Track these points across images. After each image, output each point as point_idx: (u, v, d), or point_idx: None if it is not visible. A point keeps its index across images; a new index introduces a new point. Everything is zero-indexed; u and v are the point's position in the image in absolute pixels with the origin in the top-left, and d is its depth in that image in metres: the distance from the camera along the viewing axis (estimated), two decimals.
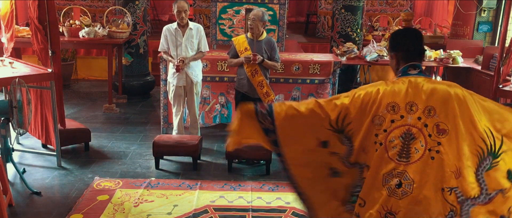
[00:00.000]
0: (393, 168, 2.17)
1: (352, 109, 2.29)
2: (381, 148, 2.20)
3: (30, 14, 4.61)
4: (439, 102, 2.18)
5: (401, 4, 10.18)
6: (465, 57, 6.91)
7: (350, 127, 2.29)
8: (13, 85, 4.03)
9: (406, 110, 2.20)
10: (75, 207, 3.94)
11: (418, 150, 2.15)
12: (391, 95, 2.23)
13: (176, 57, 5.06)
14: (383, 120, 2.21)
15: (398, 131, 2.18)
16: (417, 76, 2.28)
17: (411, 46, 2.35)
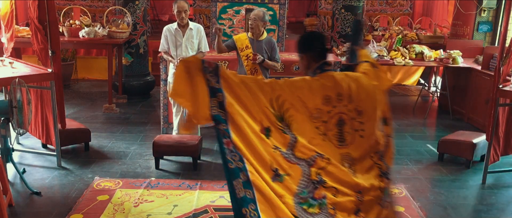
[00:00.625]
0: (340, 153, 2.47)
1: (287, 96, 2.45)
2: (325, 138, 2.47)
3: (30, 14, 4.61)
4: (354, 89, 2.57)
5: (401, 4, 10.17)
6: (465, 57, 6.91)
7: (289, 114, 2.43)
8: (13, 85, 4.03)
9: (336, 100, 2.52)
10: (75, 207, 3.94)
11: (349, 133, 2.52)
12: (322, 89, 2.52)
13: (176, 57, 5.06)
14: (322, 112, 2.48)
15: (334, 120, 2.50)
16: (333, 71, 2.68)
17: (321, 47, 2.67)
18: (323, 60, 2.66)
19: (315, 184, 2.37)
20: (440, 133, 6.22)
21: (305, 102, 2.46)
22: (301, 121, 2.43)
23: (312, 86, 2.52)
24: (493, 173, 4.84)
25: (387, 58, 6.74)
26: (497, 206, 4.27)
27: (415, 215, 3.98)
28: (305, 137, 2.41)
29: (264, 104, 2.42)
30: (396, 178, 4.79)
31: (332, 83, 2.55)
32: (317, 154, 2.40)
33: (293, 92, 2.46)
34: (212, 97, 2.37)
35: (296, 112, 2.43)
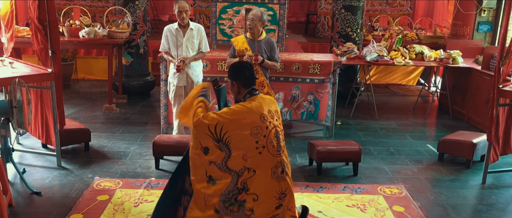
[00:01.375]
0: (276, 161, 3.01)
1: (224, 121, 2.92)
2: (264, 150, 2.97)
3: (30, 14, 4.61)
4: (277, 107, 3.19)
5: (401, 4, 10.17)
6: (465, 57, 6.91)
7: (227, 136, 2.92)
8: (13, 85, 4.03)
9: (270, 117, 3.04)
10: (75, 207, 3.94)
11: (283, 141, 3.11)
12: (258, 110, 3.00)
13: (176, 57, 5.06)
14: (261, 129, 2.96)
15: (272, 133, 3.01)
16: (259, 94, 3.13)
17: (248, 75, 3.13)
18: (252, 86, 3.12)
19: (239, 190, 2.96)
20: (440, 133, 6.22)
21: (244, 123, 2.93)
22: (239, 140, 2.92)
23: (248, 108, 2.99)
24: (493, 173, 4.84)
25: (387, 58, 6.74)
26: (497, 206, 4.27)
27: (415, 215, 3.98)
28: (241, 152, 2.93)
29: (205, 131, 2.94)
30: (396, 178, 4.80)
31: (263, 103, 3.05)
32: (245, 168, 2.94)
33: (232, 117, 2.93)
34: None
35: (234, 133, 2.91)
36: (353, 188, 4.48)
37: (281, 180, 3.01)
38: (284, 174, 3.02)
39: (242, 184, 2.95)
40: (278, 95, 5.77)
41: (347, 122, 6.64)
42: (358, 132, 6.24)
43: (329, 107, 5.90)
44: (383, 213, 4.00)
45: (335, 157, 4.88)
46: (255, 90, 3.14)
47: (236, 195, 2.96)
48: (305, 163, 5.10)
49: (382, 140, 5.94)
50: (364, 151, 5.26)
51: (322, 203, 4.13)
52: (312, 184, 4.52)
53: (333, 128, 6.02)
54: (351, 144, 4.96)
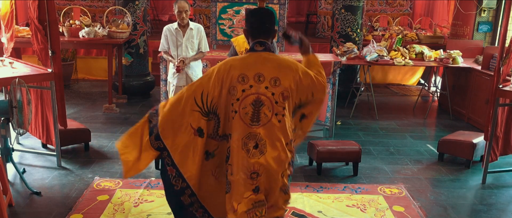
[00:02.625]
0: (248, 132, 2.51)
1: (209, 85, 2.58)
2: (236, 116, 2.53)
3: (30, 14, 4.61)
4: (282, 74, 2.56)
5: (401, 4, 10.18)
6: (465, 57, 6.91)
7: (214, 102, 2.58)
8: (13, 85, 4.03)
9: (254, 80, 2.53)
10: (75, 207, 3.94)
11: (266, 115, 2.53)
12: (240, 67, 2.55)
13: (176, 57, 5.06)
14: (236, 90, 2.52)
15: (249, 99, 2.52)
16: (262, 52, 2.61)
17: (257, 24, 2.63)
18: (258, 39, 2.63)
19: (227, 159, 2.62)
20: (440, 133, 6.22)
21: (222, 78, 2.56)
22: (221, 104, 2.57)
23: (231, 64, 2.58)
24: (493, 173, 4.85)
25: (387, 58, 6.74)
26: (497, 206, 4.27)
27: (415, 215, 3.98)
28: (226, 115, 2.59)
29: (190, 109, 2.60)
30: (396, 178, 4.80)
31: (254, 62, 2.58)
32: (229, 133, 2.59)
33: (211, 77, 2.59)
34: (150, 135, 2.73)
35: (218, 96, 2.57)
36: (353, 188, 4.48)
37: (252, 156, 2.50)
38: (257, 151, 2.50)
39: (228, 151, 2.60)
40: None
41: (347, 122, 6.64)
42: (358, 132, 6.24)
43: (328, 107, 5.90)
44: (383, 213, 4.01)
45: (335, 157, 4.88)
46: (260, 45, 2.63)
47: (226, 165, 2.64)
48: (305, 163, 5.10)
49: (382, 140, 5.94)
50: (364, 151, 5.26)
51: (322, 203, 4.13)
52: (312, 184, 4.52)
53: (333, 128, 6.02)
54: (351, 144, 4.96)
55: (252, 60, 2.59)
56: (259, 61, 2.58)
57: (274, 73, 2.55)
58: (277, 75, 2.55)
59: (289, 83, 2.56)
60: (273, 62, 2.59)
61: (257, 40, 2.63)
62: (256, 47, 2.62)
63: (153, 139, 2.70)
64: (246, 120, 2.51)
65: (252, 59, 2.60)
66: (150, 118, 2.78)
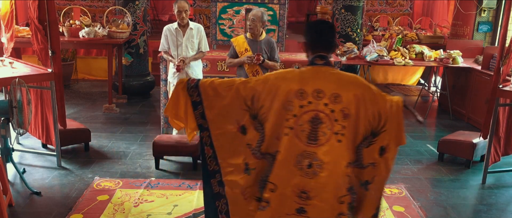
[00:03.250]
0: (303, 150, 2.35)
1: (261, 90, 2.45)
2: (291, 132, 2.37)
3: (30, 14, 4.60)
4: (344, 89, 2.39)
5: (401, 4, 10.17)
6: (465, 57, 6.91)
7: (263, 111, 2.44)
8: (13, 85, 4.03)
9: (313, 97, 2.37)
10: (75, 207, 3.94)
11: (325, 134, 2.36)
12: (299, 81, 2.41)
13: (176, 57, 5.06)
14: (292, 105, 2.37)
15: (307, 116, 2.36)
16: (322, 66, 2.46)
17: (318, 38, 2.51)
18: (320, 53, 2.48)
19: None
20: (440, 133, 6.22)
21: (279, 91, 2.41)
22: (271, 118, 2.42)
23: (287, 77, 2.46)
24: (493, 173, 4.84)
25: (387, 58, 6.74)
26: (497, 206, 4.27)
27: (415, 215, 3.98)
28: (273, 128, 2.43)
29: (240, 105, 2.52)
30: (396, 178, 4.79)
31: (314, 77, 2.42)
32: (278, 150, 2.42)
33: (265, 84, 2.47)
34: (194, 110, 2.65)
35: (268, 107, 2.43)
36: None
37: (305, 175, 2.33)
38: (311, 171, 2.33)
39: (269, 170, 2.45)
40: None
41: None
42: None
43: None
44: (383, 213, 4.00)
45: None
46: (320, 59, 2.47)
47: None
48: None
49: None
50: None
51: None
52: None
53: None
54: None
55: (312, 74, 2.43)
56: (319, 75, 2.43)
57: (335, 88, 2.38)
58: (337, 91, 2.38)
59: (351, 100, 2.37)
60: (333, 77, 2.44)
61: (318, 54, 2.48)
62: (317, 61, 2.47)
63: (198, 115, 2.65)
64: (303, 138, 2.36)
65: (312, 73, 2.44)
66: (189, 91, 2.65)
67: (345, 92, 2.38)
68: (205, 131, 2.64)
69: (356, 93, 2.38)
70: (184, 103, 2.67)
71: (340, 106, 2.36)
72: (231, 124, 2.56)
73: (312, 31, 2.55)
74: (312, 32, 2.55)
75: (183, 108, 2.68)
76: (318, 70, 2.45)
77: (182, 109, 2.68)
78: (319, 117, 2.36)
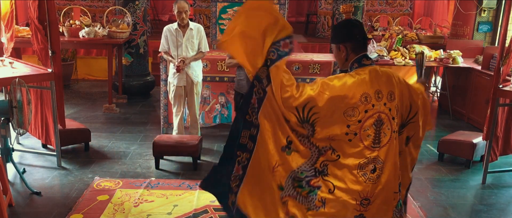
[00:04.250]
0: (368, 155, 2.27)
1: (320, 101, 2.25)
2: (355, 138, 2.27)
3: (30, 14, 4.61)
4: (394, 86, 2.36)
5: (401, 4, 10.18)
6: (465, 57, 6.91)
7: (315, 117, 2.26)
8: (13, 85, 4.03)
9: (375, 98, 2.29)
10: (75, 207, 3.94)
11: (386, 134, 2.31)
12: (361, 86, 2.28)
13: (176, 57, 5.06)
14: (357, 111, 2.26)
15: (372, 119, 2.28)
16: (371, 66, 2.37)
17: (360, 37, 2.40)
18: (363, 52, 2.40)
19: (316, 172, 2.31)
20: (440, 133, 6.22)
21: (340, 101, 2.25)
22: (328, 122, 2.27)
23: (347, 83, 2.28)
24: (493, 173, 4.85)
25: (387, 58, 6.74)
26: (497, 206, 4.27)
27: (415, 215, 3.98)
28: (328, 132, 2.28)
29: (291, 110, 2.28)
30: None
31: (372, 78, 2.32)
32: (330, 147, 2.29)
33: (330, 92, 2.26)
34: (264, 65, 2.30)
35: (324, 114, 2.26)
36: None
37: (369, 181, 2.27)
38: (375, 175, 2.27)
39: (322, 166, 2.30)
40: None
41: None
42: None
43: None
44: None
45: None
46: (367, 59, 2.39)
47: (310, 178, 2.31)
48: None
49: None
50: None
51: None
52: None
53: None
54: None
55: (368, 76, 2.32)
56: (374, 76, 2.33)
57: (389, 86, 2.34)
58: (391, 89, 2.35)
59: (398, 96, 2.38)
60: (384, 75, 2.37)
61: (363, 53, 2.39)
62: (365, 61, 2.38)
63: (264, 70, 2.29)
64: (368, 143, 2.27)
65: (367, 75, 2.32)
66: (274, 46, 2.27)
67: (395, 89, 2.37)
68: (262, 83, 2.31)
69: (400, 88, 2.39)
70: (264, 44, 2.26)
71: (394, 103, 2.35)
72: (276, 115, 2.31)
73: (354, 31, 2.41)
74: (355, 32, 2.40)
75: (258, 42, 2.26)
76: (371, 70, 2.35)
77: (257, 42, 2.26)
78: (381, 119, 2.30)
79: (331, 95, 2.26)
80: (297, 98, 2.25)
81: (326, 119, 2.26)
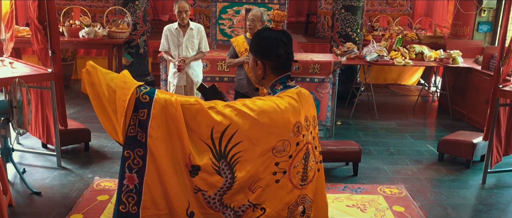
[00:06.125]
0: (297, 196, 1.95)
1: (244, 126, 1.85)
2: (284, 178, 1.90)
3: (30, 14, 4.60)
4: (315, 109, 2.08)
5: (401, 4, 10.17)
6: (465, 57, 6.91)
7: (237, 150, 1.85)
8: (13, 85, 4.03)
9: (305, 128, 1.96)
10: (75, 207, 3.94)
11: (312, 167, 2.01)
12: (293, 113, 1.91)
13: (177, 57, 5.07)
14: (288, 145, 1.89)
15: (301, 153, 1.95)
16: (296, 88, 2.04)
17: (284, 57, 2.03)
18: (287, 73, 2.04)
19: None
20: (440, 133, 6.22)
21: (269, 131, 1.87)
22: (254, 158, 1.86)
23: (280, 108, 1.89)
24: (493, 173, 4.84)
25: (387, 58, 6.74)
26: (497, 206, 4.27)
27: (415, 215, 3.98)
28: (249, 178, 1.87)
29: (203, 136, 1.85)
30: (396, 178, 4.79)
31: (301, 103, 1.96)
32: (250, 204, 1.89)
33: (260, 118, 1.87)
34: (134, 112, 1.87)
35: (251, 146, 1.86)
36: (353, 188, 4.48)
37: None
38: (304, 217, 1.99)
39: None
40: None
41: (347, 122, 6.64)
42: (358, 132, 6.24)
43: (329, 107, 5.90)
44: (383, 213, 4.00)
45: (335, 157, 4.87)
46: (291, 79, 2.03)
47: None
48: None
49: (382, 140, 5.94)
50: (364, 151, 5.25)
51: None
52: None
53: (333, 128, 6.02)
54: (351, 144, 4.96)
55: (298, 100, 1.97)
56: (303, 100, 1.99)
57: (313, 110, 2.05)
58: (314, 113, 2.05)
59: (315, 116, 2.10)
60: (308, 97, 2.06)
61: (287, 73, 2.04)
62: (289, 82, 2.04)
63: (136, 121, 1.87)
64: (296, 181, 1.94)
65: (297, 99, 1.97)
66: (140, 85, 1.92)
67: (313, 115, 2.07)
68: (138, 148, 1.88)
69: (314, 113, 2.10)
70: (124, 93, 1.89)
71: (316, 129, 2.07)
72: (181, 151, 1.86)
73: (280, 51, 2.00)
74: (280, 52, 2.00)
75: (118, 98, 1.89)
76: (299, 94, 2.00)
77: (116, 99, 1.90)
78: (308, 150, 1.98)
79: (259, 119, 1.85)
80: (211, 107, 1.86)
81: (248, 157, 1.85)
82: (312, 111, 2.04)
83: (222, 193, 1.87)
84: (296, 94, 1.98)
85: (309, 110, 2.02)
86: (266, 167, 1.88)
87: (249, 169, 1.86)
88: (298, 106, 1.94)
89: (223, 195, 1.87)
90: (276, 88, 2.03)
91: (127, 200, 1.92)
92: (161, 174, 1.86)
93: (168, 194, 1.86)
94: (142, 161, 1.87)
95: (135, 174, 1.89)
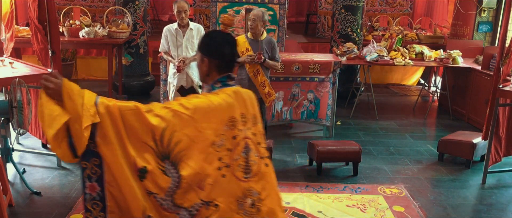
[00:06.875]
0: (244, 188, 2.05)
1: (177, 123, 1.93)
2: (228, 172, 2.01)
3: (30, 14, 4.60)
4: (256, 109, 2.21)
5: (401, 4, 10.17)
6: (465, 57, 6.91)
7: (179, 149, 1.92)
8: (13, 85, 4.03)
9: (242, 123, 2.09)
10: (75, 207, 3.94)
11: (255, 161, 2.11)
12: (227, 109, 2.06)
13: (176, 57, 5.06)
14: (226, 139, 2.02)
15: (240, 147, 2.06)
16: (234, 86, 2.19)
17: (228, 57, 2.20)
18: (228, 72, 2.20)
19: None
20: (440, 133, 6.22)
21: (205, 127, 1.97)
22: (196, 155, 1.94)
23: (213, 104, 2.02)
24: (493, 173, 4.84)
25: (387, 58, 6.74)
26: (497, 206, 4.27)
27: (415, 215, 3.98)
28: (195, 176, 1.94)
29: (144, 138, 1.90)
30: (396, 178, 4.79)
31: (236, 101, 2.10)
32: (202, 202, 1.95)
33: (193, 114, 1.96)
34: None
35: (192, 144, 1.94)
36: (353, 188, 4.48)
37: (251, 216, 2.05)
38: (254, 210, 2.06)
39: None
40: (278, 94, 5.77)
41: (347, 122, 6.64)
42: (358, 132, 6.24)
43: (329, 106, 5.90)
44: (383, 213, 4.01)
45: (335, 157, 4.88)
46: (230, 79, 2.20)
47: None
48: (305, 163, 5.10)
49: (382, 140, 5.94)
50: (364, 151, 5.25)
51: (322, 203, 4.13)
52: (312, 184, 4.52)
53: (333, 128, 6.02)
54: (351, 144, 4.96)
55: (233, 97, 2.11)
56: (239, 98, 2.13)
57: (252, 109, 2.18)
58: (254, 112, 2.19)
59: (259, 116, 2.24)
60: (247, 96, 2.19)
61: (228, 73, 2.20)
62: (229, 81, 2.19)
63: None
64: (239, 174, 2.04)
65: (233, 96, 2.11)
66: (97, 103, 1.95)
67: (257, 111, 2.21)
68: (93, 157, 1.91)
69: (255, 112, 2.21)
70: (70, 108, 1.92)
71: (258, 127, 2.18)
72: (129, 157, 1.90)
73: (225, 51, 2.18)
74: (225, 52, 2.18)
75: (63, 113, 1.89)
76: (236, 92, 2.14)
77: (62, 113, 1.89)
78: (248, 145, 2.08)
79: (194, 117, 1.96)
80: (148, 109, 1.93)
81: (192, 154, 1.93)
82: (251, 110, 2.17)
83: (172, 193, 1.93)
84: (232, 92, 2.13)
85: (248, 109, 2.15)
86: (210, 163, 1.98)
87: (193, 166, 1.94)
88: (233, 102, 2.08)
89: (174, 195, 1.93)
90: (216, 85, 2.17)
91: (92, 207, 1.97)
92: (117, 179, 1.91)
93: (125, 199, 1.92)
94: (100, 170, 1.93)
95: (96, 183, 1.95)
